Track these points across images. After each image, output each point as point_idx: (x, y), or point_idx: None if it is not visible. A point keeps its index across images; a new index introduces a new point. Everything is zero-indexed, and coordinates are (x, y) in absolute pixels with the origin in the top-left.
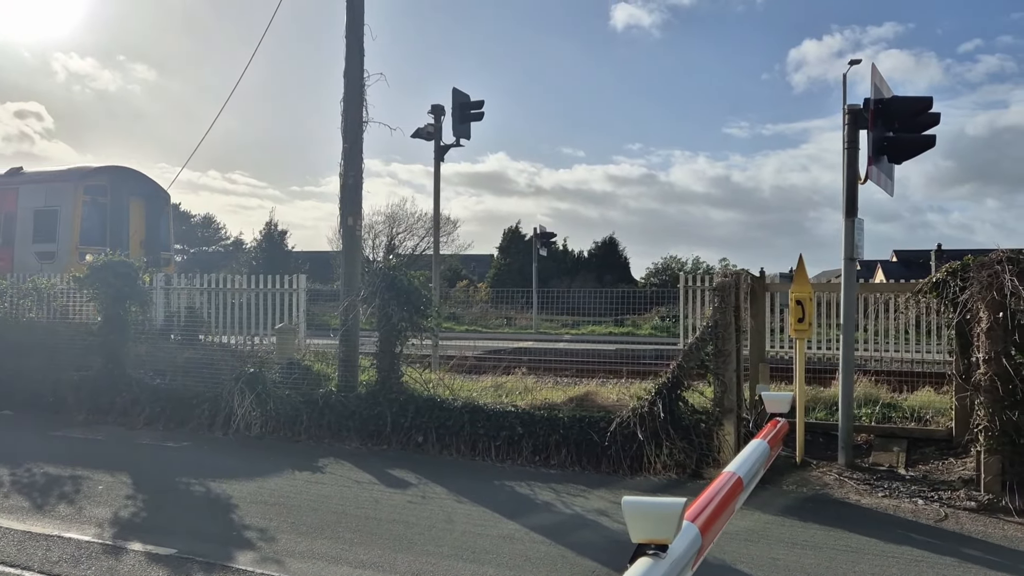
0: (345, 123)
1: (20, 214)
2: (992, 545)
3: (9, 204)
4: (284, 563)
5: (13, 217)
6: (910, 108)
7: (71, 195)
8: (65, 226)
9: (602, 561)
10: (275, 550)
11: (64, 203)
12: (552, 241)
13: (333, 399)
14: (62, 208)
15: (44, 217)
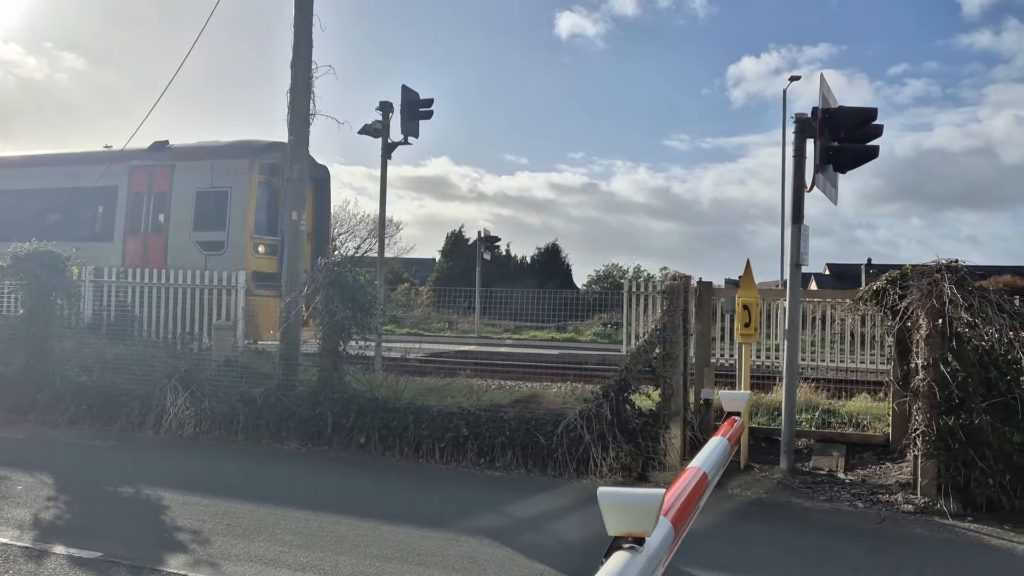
0: (292, 115)
1: (176, 196)
2: (930, 547)
3: (160, 184)
4: (219, 566)
5: (165, 200)
6: (855, 118)
7: (245, 174)
8: (238, 211)
9: (551, 563)
10: (209, 552)
11: (237, 184)
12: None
13: (272, 398)
14: (234, 190)
15: (210, 200)
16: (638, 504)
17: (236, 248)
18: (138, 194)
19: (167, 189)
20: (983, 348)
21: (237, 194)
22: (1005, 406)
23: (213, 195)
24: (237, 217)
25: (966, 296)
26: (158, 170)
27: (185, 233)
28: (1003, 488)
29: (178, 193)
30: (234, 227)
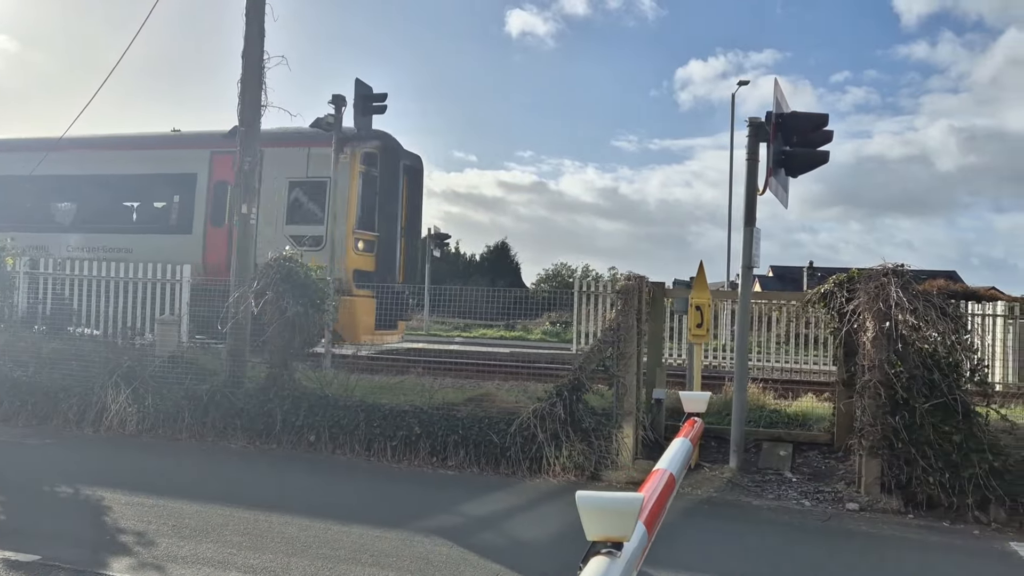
0: (242, 105)
1: (266, 186)
2: (874, 543)
3: None
4: (165, 569)
5: None
6: (808, 124)
7: (347, 164)
8: (339, 204)
9: (506, 563)
10: (155, 555)
11: (338, 174)
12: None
13: (219, 395)
14: (335, 181)
15: (306, 191)
16: (618, 508)
17: (337, 244)
18: (222, 183)
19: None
20: (926, 350)
21: (339, 186)
22: (946, 407)
23: (310, 186)
24: (338, 210)
25: (911, 300)
26: None
27: (277, 227)
28: (942, 486)
29: (268, 182)
30: (334, 221)
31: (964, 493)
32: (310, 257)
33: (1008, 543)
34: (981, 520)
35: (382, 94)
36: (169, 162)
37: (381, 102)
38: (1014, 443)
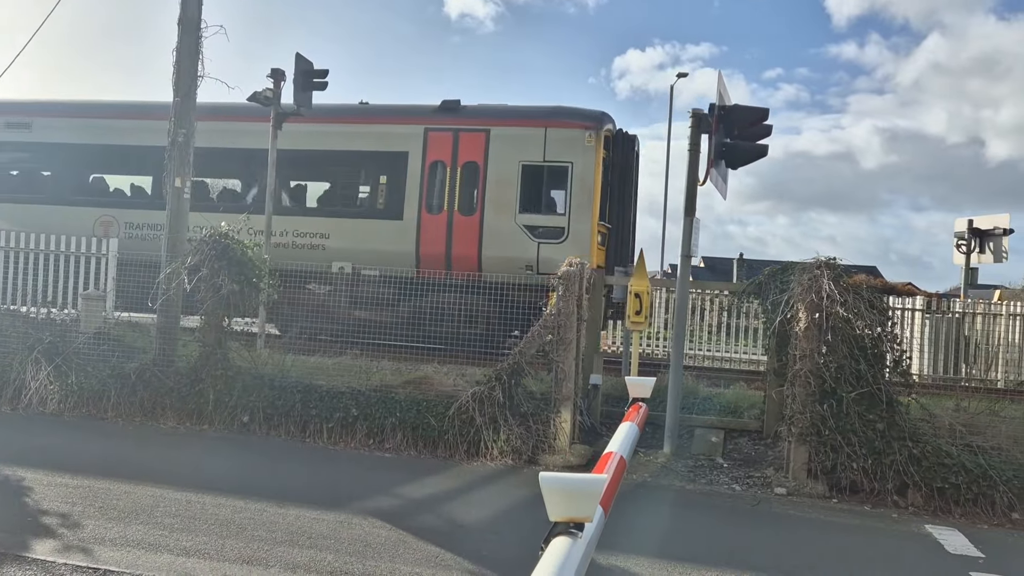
0: (178, 75)
1: (494, 169)
2: (800, 526)
3: (470, 152)
4: (92, 552)
5: (476, 173)
6: (749, 117)
7: (592, 147)
8: (582, 192)
9: (444, 545)
10: (81, 537)
11: (580, 158)
12: None
13: (148, 374)
14: (577, 165)
15: (542, 177)
16: (581, 489)
17: (580, 236)
18: (439, 164)
19: (480, 159)
20: (855, 342)
21: (581, 171)
22: (871, 396)
23: (547, 171)
24: (581, 199)
25: (842, 292)
26: (466, 135)
27: (507, 215)
28: (865, 472)
29: (496, 165)
30: (577, 211)
31: (885, 479)
32: (549, 250)
33: (923, 525)
34: (900, 504)
35: (323, 70)
36: (374, 139)
37: (322, 78)
38: (932, 432)
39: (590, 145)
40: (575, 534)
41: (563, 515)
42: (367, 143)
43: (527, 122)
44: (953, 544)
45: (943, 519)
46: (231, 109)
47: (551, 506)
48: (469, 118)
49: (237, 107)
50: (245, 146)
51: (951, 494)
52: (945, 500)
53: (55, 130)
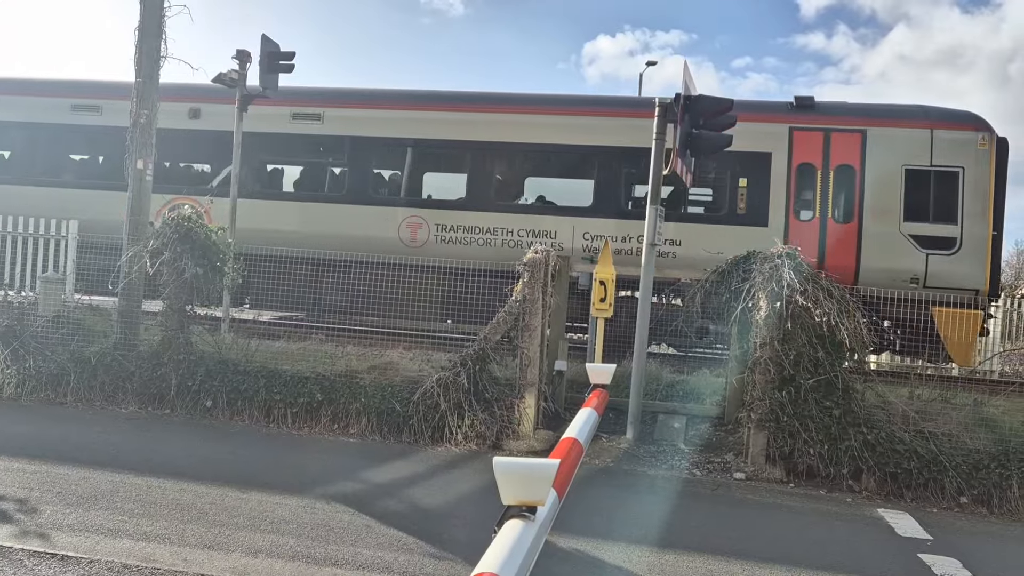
0: (140, 54)
1: (872, 173)
2: (758, 510)
3: (843, 154)
4: (50, 537)
5: (851, 176)
6: (714, 107)
7: (986, 151)
8: (975, 200)
9: (407, 530)
10: (38, 523)
11: (973, 162)
12: None
13: (109, 358)
14: (969, 170)
15: (930, 182)
16: (534, 473)
17: (974, 248)
18: (807, 166)
19: (856, 162)
20: (813, 329)
21: (974, 177)
22: (828, 383)
23: (935, 176)
24: (974, 208)
25: (802, 281)
26: (839, 136)
27: (890, 223)
28: (821, 457)
29: (875, 169)
30: (971, 220)
31: (840, 464)
32: (939, 262)
33: (876, 509)
34: (854, 489)
35: (289, 52)
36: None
37: (289, 60)
38: (886, 418)
39: (983, 149)
40: (528, 517)
41: (516, 499)
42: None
43: (909, 123)
44: (903, 527)
45: (895, 503)
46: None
47: (504, 490)
48: (838, 116)
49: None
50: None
51: (903, 479)
52: (897, 485)
53: (352, 122)
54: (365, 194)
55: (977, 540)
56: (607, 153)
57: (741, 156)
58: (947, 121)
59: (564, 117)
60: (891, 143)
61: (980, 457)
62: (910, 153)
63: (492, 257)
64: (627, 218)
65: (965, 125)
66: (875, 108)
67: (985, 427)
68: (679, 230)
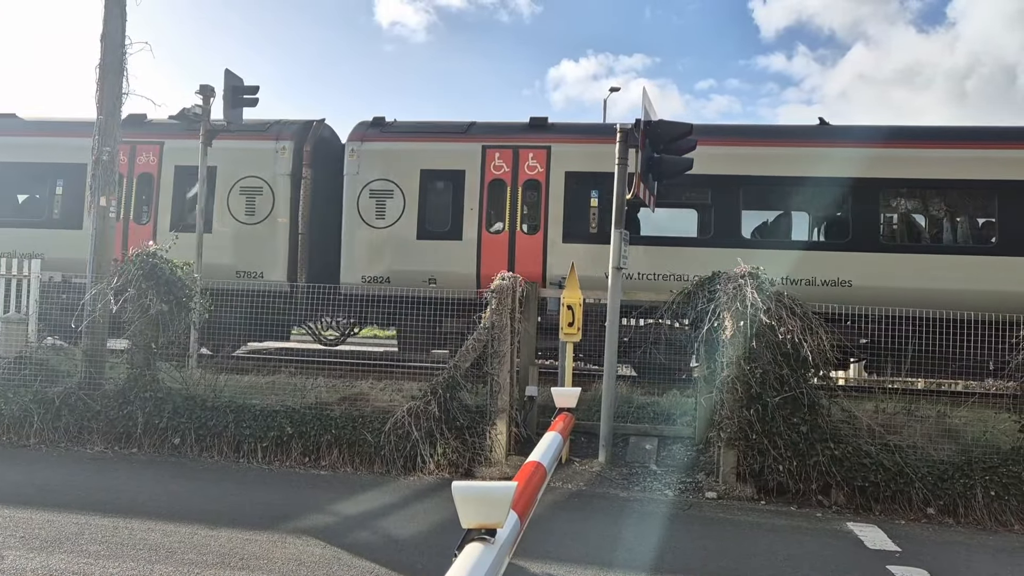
0: (101, 92)
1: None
2: (729, 528)
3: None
4: None
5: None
6: (674, 132)
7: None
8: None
9: (379, 561)
10: (0, 569)
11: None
12: None
13: (74, 398)
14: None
15: None
16: (491, 496)
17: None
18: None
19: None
20: (777, 347)
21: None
22: (795, 400)
23: None
24: None
25: (765, 300)
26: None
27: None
28: (791, 473)
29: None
30: None
31: (809, 479)
32: None
33: (845, 523)
34: (824, 503)
35: (253, 86)
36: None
37: (253, 94)
38: (852, 432)
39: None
40: (487, 540)
41: (475, 522)
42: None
43: None
44: (872, 540)
45: (864, 516)
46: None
47: (463, 514)
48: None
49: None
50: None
51: (871, 492)
52: (866, 498)
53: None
54: None
55: (944, 550)
56: None
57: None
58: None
59: None
60: None
61: (945, 468)
62: None
63: None
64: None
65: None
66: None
67: (949, 438)
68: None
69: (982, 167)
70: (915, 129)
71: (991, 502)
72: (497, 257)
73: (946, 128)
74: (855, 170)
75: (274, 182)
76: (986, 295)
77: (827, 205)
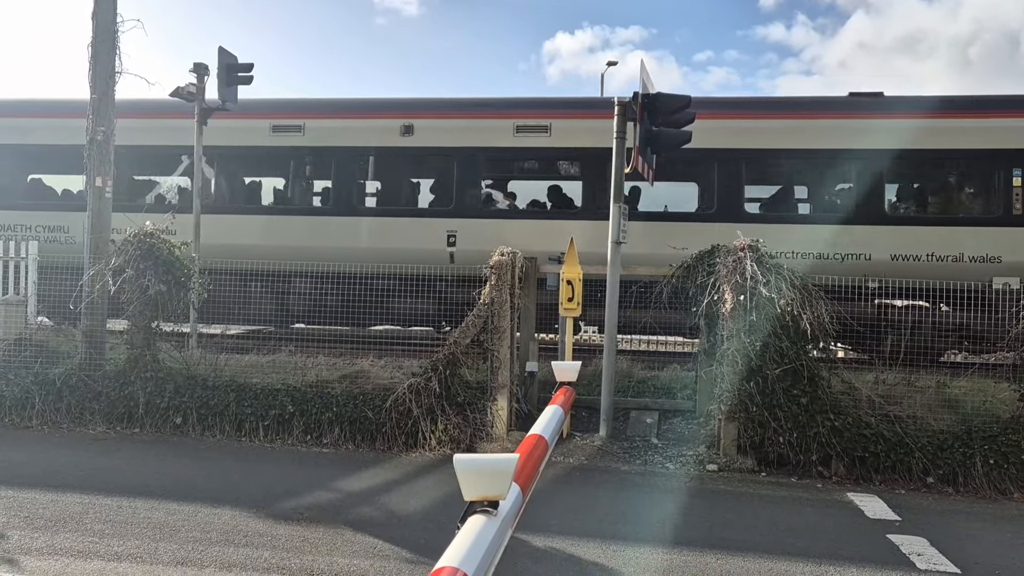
0: (94, 71)
1: None
2: (731, 500)
3: None
4: (18, 562)
5: None
6: (673, 105)
7: None
8: None
9: (382, 536)
10: (6, 548)
11: None
12: None
13: (75, 379)
14: None
15: None
16: (494, 469)
17: None
18: None
19: None
20: (777, 320)
21: None
22: (795, 372)
23: None
24: None
25: (765, 273)
26: None
27: None
28: (791, 445)
29: None
30: None
31: (809, 451)
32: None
33: (846, 494)
34: (824, 475)
35: (248, 64)
36: None
37: (247, 72)
38: (852, 404)
39: None
40: (490, 512)
41: (477, 494)
42: None
43: None
44: (873, 509)
45: (864, 487)
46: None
47: (465, 487)
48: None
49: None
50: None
51: (871, 462)
52: (866, 468)
53: None
54: None
55: (944, 518)
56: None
57: None
58: None
59: None
60: None
61: (944, 437)
62: None
63: None
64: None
65: None
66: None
67: (948, 408)
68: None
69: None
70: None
71: (990, 471)
72: None
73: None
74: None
75: None
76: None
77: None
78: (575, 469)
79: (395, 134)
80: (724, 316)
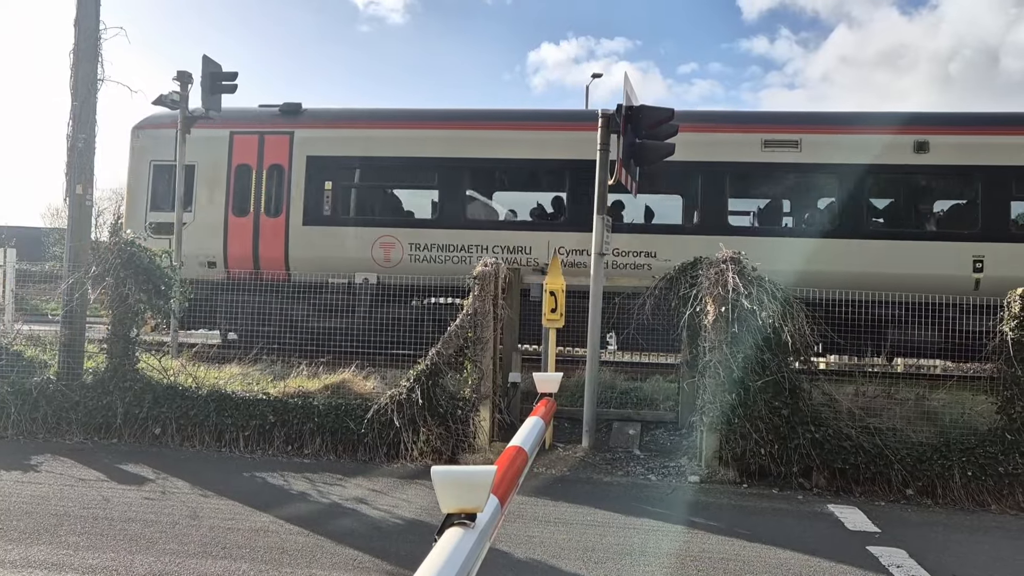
0: (75, 78)
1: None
2: (713, 511)
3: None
4: None
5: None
6: (656, 117)
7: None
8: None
9: (362, 548)
10: None
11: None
12: None
13: (51, 389)
14: None
15: None
16: (471, 481)
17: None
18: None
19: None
20: (758, 331)
21: None
22: (776, 384)
23: None
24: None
25: (747, 285)
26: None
27: None
28: (772, 456)
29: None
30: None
31: (790, 462)
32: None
33: (826, 505)
34: (805, 486)
35: (232, 72)
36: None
37: (231, 81)
38: (832, 415)
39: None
40: (467, 524)
41: (454, 507)
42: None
43: None
44: (853, 521)
45: (844, 498)
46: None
47: (442, 499)
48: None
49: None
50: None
51: (851, 474)
52: (846, 480)
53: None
54: None
55: (923, 530)
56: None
57: None
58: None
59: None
60: None
61: (923, 450)
62: None
63: None
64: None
65: None
66: None
67: (927, 420)
68: None
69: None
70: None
71: (968, 482)
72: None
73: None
74: None
75: None
76: None
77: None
78: (557, 480)
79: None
80: (706, 327)
